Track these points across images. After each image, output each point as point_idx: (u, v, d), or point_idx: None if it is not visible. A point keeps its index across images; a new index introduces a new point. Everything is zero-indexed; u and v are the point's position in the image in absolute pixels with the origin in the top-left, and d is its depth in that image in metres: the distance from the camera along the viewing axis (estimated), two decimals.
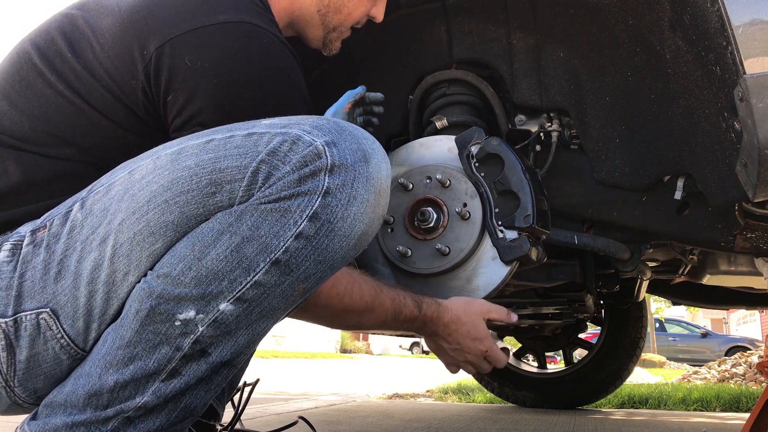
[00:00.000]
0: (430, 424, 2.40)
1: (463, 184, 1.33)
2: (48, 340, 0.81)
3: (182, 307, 0.77)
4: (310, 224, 0.77)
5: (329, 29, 1.25)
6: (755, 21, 1.04)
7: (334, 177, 0.78)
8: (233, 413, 1.39)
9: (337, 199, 0.78)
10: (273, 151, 0.78)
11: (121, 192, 0.81)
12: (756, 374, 5.61)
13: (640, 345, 3.04)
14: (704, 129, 1.26)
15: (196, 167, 0.78)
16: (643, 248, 1.64)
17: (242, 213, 0.77)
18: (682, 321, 16.99)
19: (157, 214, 0.78)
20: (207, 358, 0.80)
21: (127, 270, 0.79)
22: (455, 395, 4.18)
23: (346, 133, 0.82)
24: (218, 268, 0.77)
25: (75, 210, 0.84)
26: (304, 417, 1.48)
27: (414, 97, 1.61)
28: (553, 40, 1.48)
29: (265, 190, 0.77)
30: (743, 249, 1.44)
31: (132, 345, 0.78)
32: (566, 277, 1.70)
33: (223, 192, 0.78)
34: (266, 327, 0.83)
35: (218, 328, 0.79)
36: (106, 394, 0.78)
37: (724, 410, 3.61)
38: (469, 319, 1.21)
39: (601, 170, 1.49)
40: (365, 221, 0.81)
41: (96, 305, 0.80)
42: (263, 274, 0.78)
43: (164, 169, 0.80)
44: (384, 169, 0.84)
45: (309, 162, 0.78)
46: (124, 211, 0.79)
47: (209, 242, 0.77)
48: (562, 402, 3.16)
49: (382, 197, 0.84)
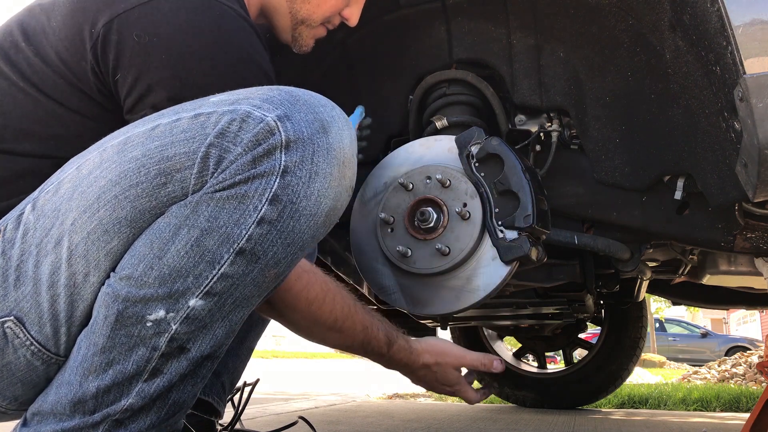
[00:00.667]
0: (430, 424, 2.40)
1: (463, 184, 1.33)
2: (17, 348, 0.78)
3: (151, 308, 0.74)
4: (272, 208, 0.73)
5: (297, 20, 1.20)
6: (755, 21, 1.04)
7: (291, 153, 0.73)
8: (233, 413, 1.39)
9: (297, 177, 0.73)
10: (222, 132, 0.73)
11: (70, 190, 0.77)
12: (756, 374, 5.61)
13: (640, 345, 3.04)
14: (704, 129, 1.26)
15: (143, 158, 0.74)
16: (643, 248, 1.64)
17: (198, 204, 0.73)
18: (682, 321, 17.00)
19: (108, 211, 0.74)
20: (187, 353, 0.77)
21: (87, 270, 0.76)
22: None
23: (300, 103, 0.76)
24: (181, 264, 0.73)
25: (27, 212, 0.80)
26: (304, 417, 1.48)
27: (414, 97, 1.61)
28: (553, 40, 1.48)
29: (218, 176, 0.73)
30: (743, 249, 1.44)
31: (107, 350, 0.76)
32: (566, 277, 1.70)
33: (174, 182, 0.73)
34: (242, 316, 0.80)
35: (192, 324, 0.76)
36: (90, 401, 0.76)
37: (724, 410, 3.61)
38: (440, 369, 1.18)
39: (601, 170, 1.49)
40: (331, 196, 0.76)
41: (60, 309, 0.77)
42: (229, 266, 0.74)
43: (111, 162, 0.76)
44: (346, 137, 0.78)
45: (262, 140, 0.72)
46: (75, 210, 0.76)
47: (168, 238, 0.74)
48: (562, 402, 3.16)
49: (348, 168, 0.79)
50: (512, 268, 1.30)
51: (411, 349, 1.16)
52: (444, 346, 1.21)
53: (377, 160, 1.50)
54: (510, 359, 3.28)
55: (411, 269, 1.35)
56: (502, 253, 1.29)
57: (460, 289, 1.34)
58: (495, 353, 3.24)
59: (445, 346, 1.21)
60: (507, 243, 1.28)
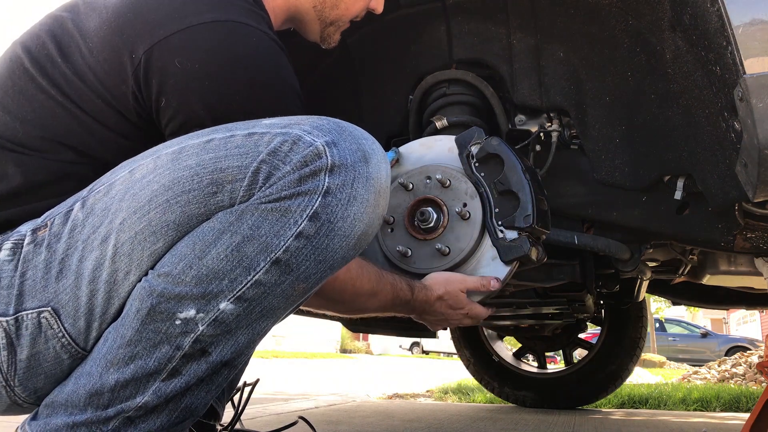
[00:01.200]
0: (430, 424, 2.40)
1: (463, 184, 1.33)
2: (49, 339, 0.81)
3: (182, 306, 0.77)
4: (311, 224, 0.77)
5: (326, 24, 1.24)
6: (755, 21, 1.04)
7: (334, 177, 0.78)
8: (233, 413, 1.39)
9: (337, 198, 0.78)
10: (274, 151, 0.78)
11: (122, 191, 0.81)
12: (756, 374, 5.61)
13: (640, 345, 3.04)
14: (704, 129, 1.26)
15: (197, 167, 0.79)
16: (643, 248, 1.64)
17: (243, 212, 0.77)
18: (682, 321, 16.99)
19: (158, 214, 0.78)
20: (207, 357, 0.80)
21: (129, 269, 0.79)
22: (455, 395, 4.18)
23: (346, 133, 0.82)
24: (219, 267, 0.77)
25: (76, 209, 0.84)
26: (304, 417, 1.48)
27: (414, 97, 1.61)
28: (553, 40, 1.48)
29: (266, 189, 0.77)
30: (743, 249, 1.44)
31: (133, 344, 0.78)
32: (566, 277, 1.70)
33: (224, 192, 0.78)
34: (266, 327, 0.83)
35: (218, 327, 0.79)
36: (107, 394, 0.78)
37: (724, 410, 3.61)
38: (450, 295, 1.27)
39: (601, 170, 1.49)
40: (365, 221, 0.81)
41: (97, 304, 0.81)
42: (263, 274, 0.78)
43: (165, 168, 0.80)
44: (384, 169, 0.84)
45: (309, 162, 0.78)
46: (125, 210, 0.80)
47: (210, 241, 0.77)
48: (562, 402, 3.16)
49: (382, 197, 0.84)
50: (512, 268, 1.30)
51: (425, 286, 1.26)
52: (446, 275, 1.30)
53: None
54: (510, 359, 3.28)
55: (411, 269, 1.35)
56: (502, 253, 1.29)
57: None
58: (495, 353, 3.24)
59: (446, 275, 1.30)
60: (507, 243, 1.28)
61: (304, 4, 1.19)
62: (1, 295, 0.82)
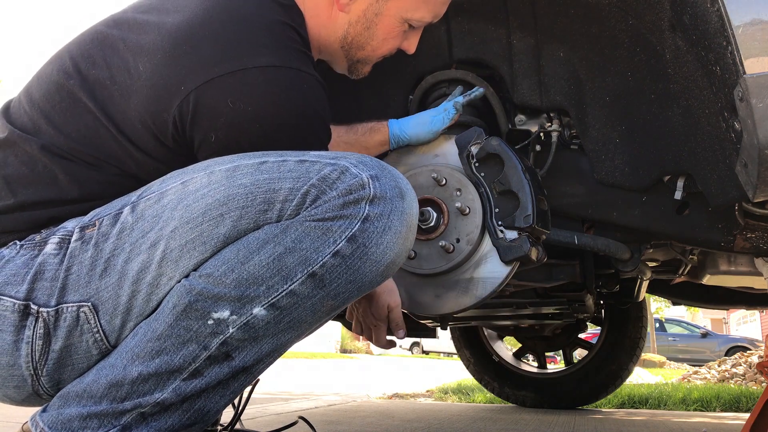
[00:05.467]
0: (430, 424, 2.40)
1: (455, 181, 1.33)
2: (84, 333, 0.85)
3: (218, 306, 0.82)
4: (348, 245, 0.83)
5: (353, 61, 1.23)
6: (755, 21, 1.04)
7: (374, 206, 0.85)
8: (233, 413, 1.39)
9: (374, 226, 0.84)
10: (324, 177, 0.85)
11: (174, 201, 0.86)
12: (756, 374, 5.61)
13: (640, 345, 3.04)
14: (704, 129, 1.26)
15: (252, 186, 0.84)
16: (643, 248, 1.64)
17: (288, 226, 0.83)
18: (682, 321, 17.00)
19: (211, 226, 0.83)
20: (230, 361, 0.84)
21: (173, 275, 0.84)
22: (455, 395, 4.18)
23: (387, 171, 0.89)
24: (259, 273, 0.82)
25: (125, 213, 0.88)
26: (304, 417, 1.48)
27: (414, 97, 1.61)
28: (553, 40, 1.48)
29: (312, 209, 0.83)
30: (743, 249, 1.44)
31: (162, 338, 0.82)
32: (566, 277, 1.70)
33: (274, 210, 0.84)
34: (290, 339, 0.87)
35: (248, 331, 0.83)
36: (126, 386, 0.82)
37: (724, 410, 3.61)
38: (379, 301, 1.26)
39: (601, 170, 1.49)
40: (395, 250, 0.87)
41: (136, 305, 0.85)
42: (299, 285, 0.83)
43: (219, 184, 0.85)
44: (415, 207, 0.91)
45: (354, 190, 0.84)
46: (177, 219, 0.84)
47: (254, 249, 0.83)
48: (562, 402, 3.16)
49: (411, 232, 0.90)
50: (512, 268, 1.30)
51: None
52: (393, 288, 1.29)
53: None
54: (510, 359, 3.28)
55: (418, 271, 1.35)
56: (502, 253, 1.29)
57: (460, 290, 1.34)
58: (495, 353, 3.24)
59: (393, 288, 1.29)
60: (507, 243, 1.28)
61: (333, 44, 1.18)
62: (45, 287, 0.86)
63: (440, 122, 1.40)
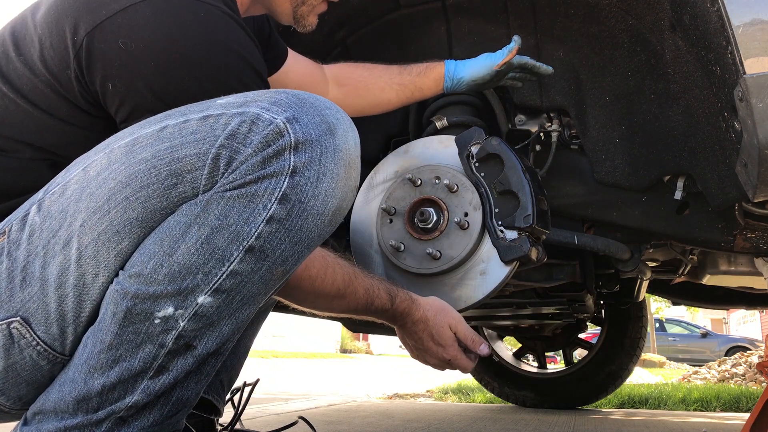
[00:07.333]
0: (430, 424, 2.40)
1: (470, 194, 1.32)
2: (23, 348, 0.78)
3: (159, 305, 0.75)
4: (281, 207, 0.74)
5: (297, 2, 1.16)
6: (755, 21, 1.04)
7: (299, 155, 0.74)
8: (233, 413, 1.39)
9: (305, 177, 0.75)
10: (232, 133, 0.74)
11: (77, 191, 0.77)
12: (756, 374, 5.61)
13: (640, 345, 3.04)
14: (704, 129, 1.26)
15: (153, 159, 0.75)
16: (643, 248, 1.64)
17: (208, 202, 0.74)
18: (682, 321, 16.99)
19: (119, 212, 0.75)
20: (193, 351, 0.78)
21: (96, 271, 0.77)
22: (455, 395, 4.18)
23: (307, 106, 0.78)
24: (191, 261, 0.74)
25: (32, 213, 0.80)
26: (304, 417, 1.48)
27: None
28: (553, 40, 1.48)
29: (229, 175, 0.74)
30: (743, 249, 1.44)
31: (114, 348, 0.76)
32: (566, 277, 1.70)
33: (184, 182, 0.74)
34: (249, 313, 0.81)
35: (200, 321, 0.76)
36: (94, 398, 0.76)
37: (724, 410, 3.61)
38: (436, 324, 1.17)
39: (601, 170, 1.49)
40: (338, 196, 0.78)
41: (68, 309, 0.78)
42: (238, 263, 0.75)
43: (120, 163, 0.76)
44: (351, 138, 0.80)
45: (271, 142, 0.74)
46: (84, 211, 0.76)
47: (178, 236, 0.74)
48: (562, 402, 3.16)
49: (353, 169, 0.80)
50: (512, 268, 1.30)
51: (413, 299, 1.16)
52: (445, 305, 1.20)
53: (377, 159, 1.50)
54: (510, 359, 3.28)
55: (399, 264, 1.35)
56: (502, 253, 1.29)
57: (459, 290, 1.34)
58: (495, 353, 3.24)
59: (445, 305, 1.20)
60: (507, 243, 1.28)
61: None
62: None
63: (500, 55, 1.36)
